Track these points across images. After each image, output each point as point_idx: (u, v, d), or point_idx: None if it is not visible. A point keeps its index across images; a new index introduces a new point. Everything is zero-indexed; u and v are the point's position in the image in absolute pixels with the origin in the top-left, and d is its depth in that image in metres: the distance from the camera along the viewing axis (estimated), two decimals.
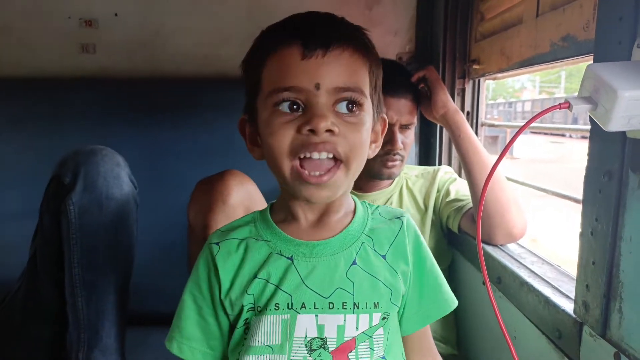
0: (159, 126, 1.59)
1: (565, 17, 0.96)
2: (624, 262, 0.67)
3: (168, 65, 1.64)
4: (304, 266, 0.67)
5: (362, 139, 0.65)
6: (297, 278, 0.67)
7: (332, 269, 0.68)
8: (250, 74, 0.68)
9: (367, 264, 0.69)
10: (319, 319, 0.66)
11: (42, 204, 1.14)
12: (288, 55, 0.62)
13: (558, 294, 0.88)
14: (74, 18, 1.61)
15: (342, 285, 0.67)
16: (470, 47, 1.50)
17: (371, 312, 0.68)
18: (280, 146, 0.62)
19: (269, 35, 0.66)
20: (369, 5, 1.67)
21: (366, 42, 0.67)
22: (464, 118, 1.25)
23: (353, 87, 0.63)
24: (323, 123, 0.60)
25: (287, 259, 0.68)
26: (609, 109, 0.54)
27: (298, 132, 0.61)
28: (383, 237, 0.72)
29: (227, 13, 1.64)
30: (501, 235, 1.15)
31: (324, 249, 0.69)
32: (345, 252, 0.69)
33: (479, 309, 1.23)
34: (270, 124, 0.63)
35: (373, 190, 1.33)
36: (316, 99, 0.61)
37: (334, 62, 0.62)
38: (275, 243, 0.69)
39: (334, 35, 0.63)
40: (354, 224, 0.71)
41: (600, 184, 0.70)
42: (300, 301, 0.66)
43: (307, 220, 0.70)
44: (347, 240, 0.70)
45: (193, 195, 1.02)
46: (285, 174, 0.63)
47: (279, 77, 0.62)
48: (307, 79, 0.61)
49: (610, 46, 0.67)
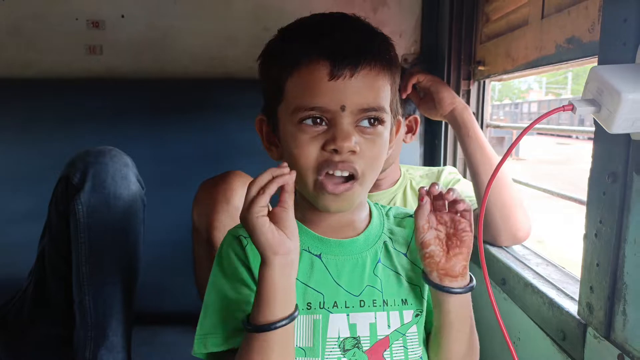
0: (166, 127, 1.60)
1: (570, 19, 0.96)
2: (628, 264, 0.67)
3: (174, 67, 1.66)
4: (334, 264, 0.69)
5: (380, 153, 0.67)
6: (328, 276, 0.68)
7: (361, 267, 0.69)
8: (271, 80, 0.68)
9: (390, 262, 0.72)
10: (350, 317, 0.67)
11: (51, 203, 1.15)
12: (315, 73, 0.63)
13: (562, 295, 0.88)
14: (82, 20, 1.62)
15: (371, 282, 0.69)
16: (475, 49, 1.50)
17: (400, 309, 0.69)
18: (306, 162, 0.64)
19: (294, 43, 0.65)
20: (374, 7, 1.67)
21: (391, 55, 0.68)
22: (473, 116, 1.21)
23: (376, 107, 0.65)
24: (347, 144, 0.62)
25: (315, 256, 0.69)
26: (613, 111, 0.54)
27: (323, 148, 0.63)
28: (400, 236, 0.75)
29: (234, 14, 1.65)
30: (506, 238, 1.14)
31: (352, 248, 0.70)
32: (371, 250, 0.71)
33: (482, 311, 1.22)
34: (296, 139, 0.64)
35: (376, 190, 1.33)
36: (341, 119, 0.63)
37: (360, 83, 0.63)
38: (302, 239, 0.68)
39: (362, 54, 0.63)
40: (374, 223, 0.74)
41: (605, 185, 0.70)
42: (332, 300, 0.67)
43: (331, 220, 0.71)
44: (370, 238, 0.72)
45: (197, 196, 1.03)
46: (309, 186, 0.65)
47: (305, 95, 0.63)
48: (334, 100, 0.62)
49: (615, 48, 0.67)
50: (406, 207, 1.32)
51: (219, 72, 1.66)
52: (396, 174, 1.37)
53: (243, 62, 1.63)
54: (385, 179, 1.34)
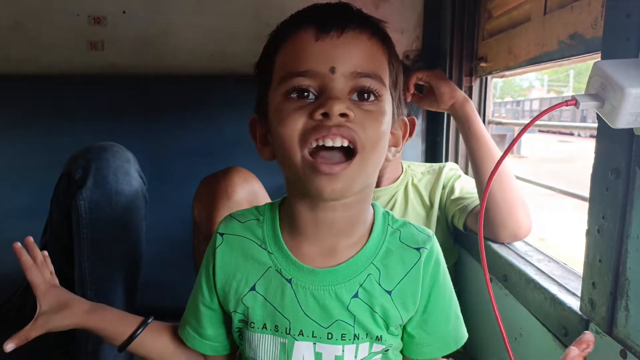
0: (167, 122, 1.60)
1: (573, 15, 0.96)
2: (630, 260, 0.67)
3: (175, 62, 1.65)
4: (303, 293, 0.64)
5: (382, 130, 0.58)
6: (296, 305, 0.63)
7: (333, 301, 0.63)
8: (262, 69, 0.64)
9: (370, 298, 0.64)
10: (316, 346, 0.64)
11: (52, 199, 1.15)
12: (301, 38, 0.58)
13: (564, 291, 0.88)
14: (83, 15, 1.62)
15: (342, 317, 0.63)
16: (477, 45, 1.49)
17: (372, 342, 0.65)
18: (290, 133, 0.56)
19: (281, 26, 0.63)
20: (375, 4, 1.67)
21: (384, 31, 0.62)
22: (474, 109, 1.20)
23: (372, 74, 0.57)
24: (337, 106, 0.54)
25: (286, 280, 0.64)
26: (616, 106, 0.54)
27: (310, 117, 0.56)
28: (394, 270, 0.65)
29: (235, 10, 1.64)
30: (507, 234, 1.14)
31: (326, 278, 0.64)
32: (349, 282, 0.63)
33: (485, 306, 1.22)
34: (281, 111, 0.57)
35: (377, 186, 1.33)
36: (332, 83, 0.56)
37: (351, 44, 0.57)
38: (277, 259, 0.65)
39: (350, 17, 0.58)
40: (365, 250, 0.65)
41: (607, 181, 0.70)
42: (298, 328, 0.64)
43: (315, 239, 0.65)
44: (353, 270, 0.64)
45: (198, 192, 1.03)
46: (297, 164, 0.57)
47: (292, 61, 0.58)
48: (322, 61, 0.56)
49: (618, 43, 0.67)
50: (407, 204, 1.32)
51: (219, 68, 1.66)
52: (398, 171, 1.37)
53: (244, 57, 1.62)
54: (386, 176, 1.34)
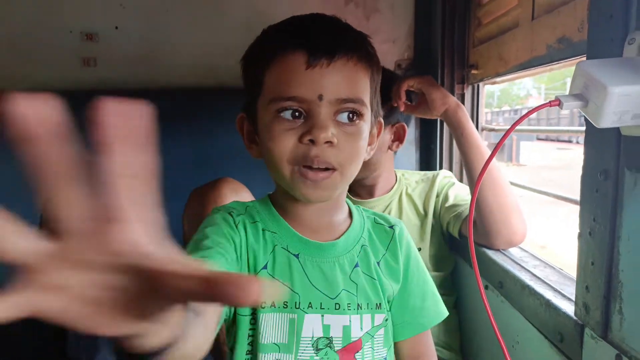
0: (160, 137, 1.60)
1: (560, 19, 0.96)
2: (622, 262, 0.66)
3: (168, 77, 1.66)
4: (311, 266, 0.68)
5: (359, 148, 0.66)
6: (305, 277, 0.68)
7: (338, 272, 0.69)
8: (251, 74, 0.68)
9: (367, 267, 0.72)
10: (324, 319, 0.67)
11: (41, 217, 1.15)
12: (292, 62, 0.62)
13: (559, 296, 0.87)
14: (76, 32, 1.63)
15: (347, 287, 0.69)
16: (468, 53, 1.50)
17: (373, 312, 0.70)
18: (280, 153, 0.63)
19: (273, 36, 0.67)
20: (366, 15, 1.68)
21: (369, 49, 0.68)
22: (467, 114, 1.20)
23: (355, 99, 0.64)
24: (323, 134, 0.61)
25: (293, 255, 0.68)
26: (600, 105, 0.54)
27: (299, 141, 0.62)
28: (377, 245, 0.75)
29: (227, 25, 1.65)
30: (502, 241, 1.13)
31: (331, 251, 0.70)
32: (349, 254, 0.71)
33: (483, 314, 1.21)
34: (271, 130, 0.63)
35: (371, 196, 1.32)
36: (318, 109, 0.62)
37: (337, 73, 0.62)
38: (282, 236, 0.69)
39: (339, 44, 0.63)
40: (353, 226, 0.73)
41: (597, 183, 0.70)
42: (307, 301, 0.67)
43: (308, 219, 0.71)
44: (349, 243, 0.72)
45: (188, 203, 1.03)
46: (285, 176, 0.64)
47: (282, 84, 0.63)
48: (311, 89, 0.61)
49: (603, 44, 0.67)
50: (402, 213, 1.31)
51: (211, 82, 1.66)
52: (391, 180, 1.36)
53: (235, 71, 1.60)
54: (379, 185, 1.33)
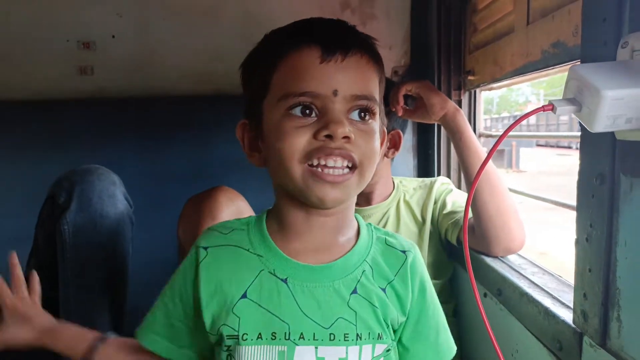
0: (156, 144, 1.60)
1: (554, 24, 0.96)
2: (620, 268, 0.65)
3: (164, 84, 1.66)
4: (301, 291, 0.62)
5: (375, 147, 0.63)
6: (295, 305, 0.61)
7: (333, 297, 0.62)
8: (255, 77, 0.64)
9: (368, 293, 0.64)
10: (318, 351, 0.61)
11: (37, 224, 1.14)
12: (305, 57, 0.59)
13: (558, 304, 0.86)
14: (72, 41, 1.63)
15: (343, 315, 0.62)
16: (464, 59, 1.50)
17: (374, 342, 0.63)
18: (292, 150, 0.58)
19: (280, 37, 0.63)
20: (363, 21, 1.68)
21: (378, 52, 0.66)
22: (465, 119, 1.19)
23: (369, 96, 0.61)
24: (341, 129, 0.57)
25: (281, 280, 0.62)
26: (593, 109, 0.53)
27: (314, 137, 0.58)
28: (384, 270, 0.67)
29: (222, 31, 1.66)
30: (500, 248, 1.12)
31: (325, 274, 0.63)
32: (347, 278, 0.64)
33: (481, 322, 1.19)
34: (282, 128, 0.59)
35: (369, 204, 1.32)
36: (333, 105, 0.59)
37: (352, 68, 0.60)
38: (269, 260, 0.63)
39: (352, 40, 0.61)
40: (358, 247, 0.66)
41: (593, 188, 0.69)
42: (298, 331, 0.61)
43: (307, 237, 0.65)
44: (349, 265, 0.65)
45: (183, 212, 1.02)
46: (296, 177, 0.59)
47: (294, 80, 0.59)
48: (326, 84, 0.58)
49: (596, 48, 0.66)
50: (400, 221, 1.30)
51: (207, 89, 1.66)
52: (389, 187, 1.35)
53: (231, 78, 1.61)
54: (377, 192, 1.32)
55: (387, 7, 1.69)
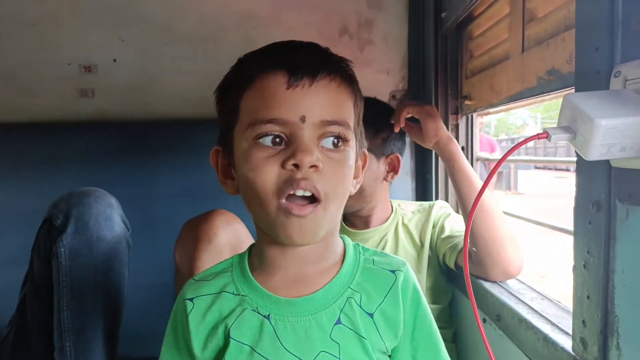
0: (155, 167, 1.60)
1: (549, 51, 0.97)
2: (618, 296, 0.64)
3: (164, 108, 1.67)
4: (283, 327, 0.61)
5: (345, 176, 0.60)
6: (276, 341, 0.60)
7: (314, 330, 0.61)
8: (225, 103, 0.64)
9: (353, 323, 0.61)
10: None
11: (34, 247, 1.13)
12: (272, 83, 0.58)
13: (557, 330, 0.85)
14: (74, 64, 1.65)
15: (326, 348, 0.60)
16: (461, 84, 1.51)
17: None
18: (264, 184, 0.56)
19: (248, 62, 0.62)
20: (360, 47, 1.71)
21: (352, 73, 0.63)
22: (458, 147, 1.20)
23: (340, 121, 0.59)
24: (308, 158, 0.55)
25: (264, 317, 0.61)
26: (588, 138, 0.54)
27: (282, 167, 0.56)
28: (372, 293, 0.64)
29: (222, 56, 1.66)
30: (498, 273, 1.12)
31: (305, 307, 0.61)
32: (329, 309, 0.62)
33: (481, 347, 1.18)
34: (251, 159, 0.57)
35: (367, 227, 1.31)
36: (301, 132, 0.56)
37: (321, 93, 0.58)
38: (252, 298, 0.63)
39: (321, 63, 0.59)
40: (340, 275, 0.64)
41: (590, 215, 0.69)
42: None
43: (286, 270, 0.63)
44: (330, 295, 0.62)
45: (179, 236, 1.01)
46: (270, 213, 0.57)
47: (261, 107, 0.58)
48: (292, 110, 0.56)
49: (590, 76, 0.67)
50: (398, 245, 1.29)
51: (207, 113, 1.65)
52: (387, 211, 1.35)
53: None
54: (375, 216, 1.32)
55: (385, 33, 1.71)
